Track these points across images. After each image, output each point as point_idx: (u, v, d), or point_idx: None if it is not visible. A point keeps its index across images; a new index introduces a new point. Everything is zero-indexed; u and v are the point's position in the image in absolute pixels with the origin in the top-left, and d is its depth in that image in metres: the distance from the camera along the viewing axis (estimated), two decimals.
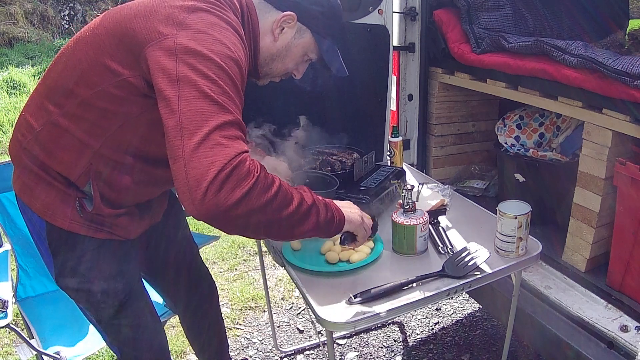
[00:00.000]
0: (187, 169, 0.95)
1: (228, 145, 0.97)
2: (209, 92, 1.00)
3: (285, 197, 1.06)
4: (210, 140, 0.96)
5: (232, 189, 0.95)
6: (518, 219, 1.38)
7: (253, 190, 0.98)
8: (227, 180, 0.94)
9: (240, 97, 1.08)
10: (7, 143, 4.88)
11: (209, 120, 0.98)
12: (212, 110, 0.99)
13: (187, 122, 0.97)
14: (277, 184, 1.05)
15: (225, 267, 3.07)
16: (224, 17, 1.13)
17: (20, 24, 7.78)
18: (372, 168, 1.85)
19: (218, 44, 1.05)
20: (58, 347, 1.80)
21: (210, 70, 1.02)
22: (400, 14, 2.39)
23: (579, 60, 1.72)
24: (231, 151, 0.96)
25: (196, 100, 0.99)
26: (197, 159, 0.95)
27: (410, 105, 2.51)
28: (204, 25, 1.07)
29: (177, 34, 1.05)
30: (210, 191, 0.93)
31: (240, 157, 0.97)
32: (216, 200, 0.94)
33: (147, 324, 1.45)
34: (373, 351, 2.34)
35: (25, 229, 1.98)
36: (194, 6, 1.10)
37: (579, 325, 1.61)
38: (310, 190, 1.17)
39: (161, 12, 1.10)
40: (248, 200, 0.97)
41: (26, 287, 2.07)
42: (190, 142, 0.96)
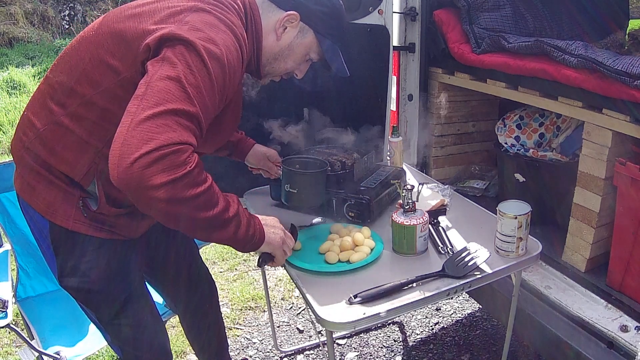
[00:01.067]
0: (127, 135, 0.96)
1: (175, 130, 0.98)
2: (183, 79, 1.02)
3: (210, 200, 1.06)
4: (161, 118, 0.97)
5: (160, 171, 0.96)
6: (518, 219, 1.38)
7: (180, 180, 0.98)
8: (158, 160, 0.95)
9: (213, 98, 1.09)
10: (7, 143, 4.85)
11: (170, 101, 0.99)
12: (178, 95, 1.01)
13: (151, 95, 1.00)
14: (207, 184, 1.05)
15: (225, 267, 3.07)
16: (225, 19, 1.14)
17: (20, 24, 7.78)
18: (372, 168, 1.85)
19: (209, 42, 1.07)
20: (58, 347, 1.80)
21: (193, 62, 1.04)
22: (400, 14, 2.39)
23: (579, 60, 1.72)
24: (175, 136, 0.98)
25: (168, 80, 1.01)
26: (141, 130, 0.96)
27: (410, 105, 2.51)
28: (201, 24, 1.09)
29: (173, 27, 1.08)
30: (138, 164, 0.94)
31: (181, 146, 0.98)
32: (140, 174, 0.95)
33: (148, 324, 1.45)
34: (373, 351, 2.34)
35: (26, 229, 1.99)
36: (196, 6, 1.13)
37: (579, 325, 1.61)
38: (239, 203, 1.17)
39: (163, 12, 1.13)
40: (172, 188, 0.97)
41: (26, 287, 2.07)
42: (143, 113, 0.97)
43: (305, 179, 1.57)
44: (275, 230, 1.28)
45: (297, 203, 1.60)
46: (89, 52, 1.17)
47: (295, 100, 1.92)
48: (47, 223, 1.25)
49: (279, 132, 1.81)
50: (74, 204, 1.23)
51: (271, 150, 1.74)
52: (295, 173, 1.57)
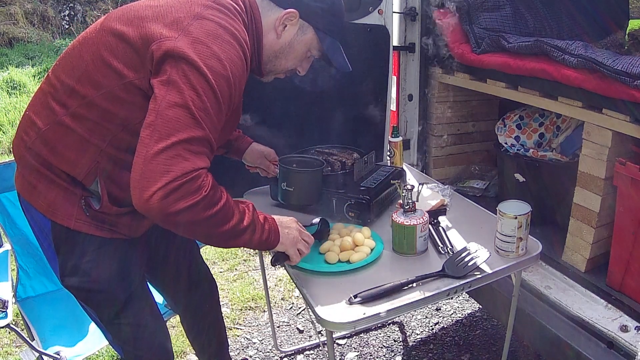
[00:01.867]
0: (145, 168, 1.03)
1: (188, 159, 1.04)
2: (190, 104, 1.06)
3: (226, 215, 1.14)
4: (174, 149, 1.03)
5: (178, 200, 1.03)
6: (518, 219, 1.38)
7: (197, 205, 1.05)
8: (175, 190, 1.02)
9: (221, 114, 1.13)
10: (7, 143, 4.84)
11: (180, 130, 1.04)
12: (187, 122, 1.05)
13: (161, 125, 1.04)
14: (222, 202, 1.12)
15: (225, 267, 3.07)
16: (228, 27, 1.14)
17: (20, 24, 7.78)
18: (372, 168, 1.85)
19: (213, 59, 1.09)
20: (58, 347, 1.80)
21: (199, 84, 1.07)
22: (400, 14, 2.39)
23: (579, 60, 1.72)
24: (189, 165, 1.04)
25: (176, 108, 1.05)
26: (156, 163, 1.02)
27: (410, 105, 2.51)
28: (205, 36, 1.10)
29: (177, 38, 1.08)
30: (157, 195, 1.02)
31: (195, 173, 1.05)
32: (159, 205, 1.02)
33: (149, 324, 1.45)
34: (373, 351, 2.34)
35: (26, 228, 1.99)
36: (200, 14, 1.13)
37: (579, 325, 1.61)
38: (254, 210, 1.24)
39: (168, 17, 1.13)
40: (190, 213, 1.05)
41: (26, 287, 2.07)
42: (157, 145, 1.03)
43: (302, 177, 1.57)
44: (289, 231, 1.31)
45: (293, 202, 1.60)
46: (90, 53, 1.18)
47: (295, 100, 1.92)
48: (49, 222, 1.25)
49: (278, 132, 1.81)
50: (76, 203, 1.24)
51: (268, 149, 1.74)
52: (292, 171, 1.57)
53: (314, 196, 1.62)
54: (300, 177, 1.57)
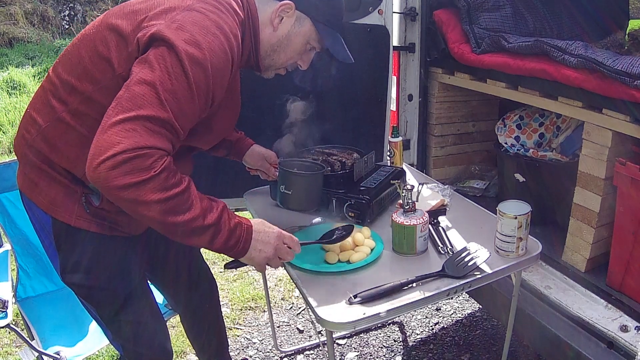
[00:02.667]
0: (99, 137, 1.02)
1: (142, 135, 1.02)
2: (158, 84, 1.05)
3: (181, 206, 1.07)
4: (130, 123, 1.02)
5: (124, 174, 1.00)
6: (518, 219, 1.38)
7: (144, 183, 1.01)
8: (123, 163, 0.99)
9: (192, 102, 1.10)
10: (7, 143, 4.83)
11: (142, 107, 1.03)
12: (151, 100, 1.04)
13: (126, 99, 1.04)
14: (177, 189, 1.06)
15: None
16: (217, 20, 1.13)
17: (20, 24, 7.78)
18: (372, 168, 1.85)
19: (193, 46, 1.08)
20: (58, 347, 1.80)
21: (173, 67, 1.06)
22: (400, 14, 2.39)
23: (579, 60, 1.72)
24: (141, 140, 1.01)
25: (144, 85, 1.04)
26: (110, 134, 1.01)
27: (410, 105, 2.51)
28: (190, 24, 1.10)
29: (163, 24, 1.09)
30: (105, 165, 0.99)
31: (147, 151, 1.01)
32: (105, 175, 1.00)
33: (149, 322, 1.46)
34: (373, 351, 2.34)
35: (26, 228, 1.99)
36: (190, 6, 1.13)
37: (579, 325, 1.61)
38: (224, 212, 1.15)
39: (157, 8, 1.14)
40: (136, 190, 1.01)
41: (26, 287, 2.07)
42: (116, 116, 1.02)
43: (301, 180, 1.56)
44: (264, 248, 1.23)
45: (291, 205, 1.58)
46: (88, 50, 1.19)
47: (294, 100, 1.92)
48: (50, 219, 1.26)
49: (278, 132, 1.81)
50: (77, 200, 1.24)
51: (269, 152, 1.73)
52: (291, 174, 1.55)
53: (312, 201, 1.60)
54: (300, 180, 1.56)
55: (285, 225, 1.62)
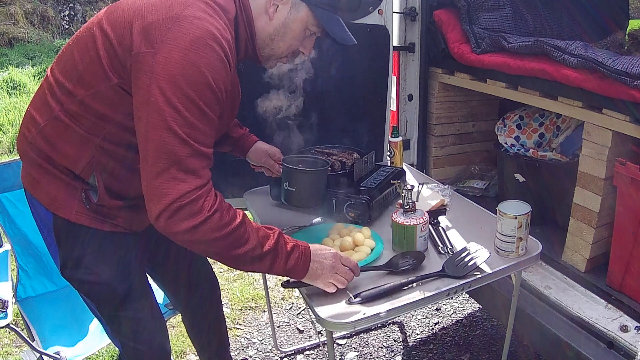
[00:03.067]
0: (147, 191, 1.09)
1: (184, 180, 1.07)
2: (173, 125, 1.06)
3: (239, 239, 1.14)
4: (167, 173, 1.07)
5: (182, 220, 1.07)
6: (518, 219, 1.38)
7: (201, 226, 1.08)
8: (177, 212, 1.07)
9: (210, 122, 1.12)
10: (7, 143, 4.82)
11: (168, 153, 1.07)
12: (173, 143, 1.07)
13: (151, 150, 1.08)
14: (232, 226, 1.12)
15: (225, 267, 3.07)
16: (208, 28, 1.11)
17: (20, 24, 7.77)
18: (372, 168, 1.85)
19: (192, 69, 1.07)
20: (58, 347, 1.80)
21: (179, 100, 1.06)
22: (400, 14, 2.39)
23: (579, 60, 1.72)
24: (185, 187, 1.07)
25: (160, 130, 1.06)
26: (154, 188, 1.08)
27: (410, 105, 2.51)
28: (182, 43, 1.07)
29: (155, 51, 1.07)
30: (163, 216, 1.07)
31: (194, 195, 1.07)
32: (165, 225, 1.08)
33: (149, 319, 1.46)
34: (373, 351, 2.34)
35: (26, 229, 1.99)
36: (177, 16, 1.09)
37: (579, 325, 1.61)
38: (280, 238, 1.21)
39: (147, 18, 1.11)
40: (195, 233, 1.09)
41: (26, 287, 2.07)
42: (151, 169, 1.08)
43: (305, 177, 1.56)
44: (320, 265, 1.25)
45: (295, 202, 1.58)
46: (80, 53, 1.19)
47: (294, 100, 1.92)
48: (51, 215, 1.27)
49: (278, 132, 1.81)
50: (76, 197, 1.25)
51: (273, 148, 1.72)
52: (295, 171, 1.55)
53: (316, 197, 1.59)
54: (303, 177, 1.55)
55: (286, 225, 1.62)
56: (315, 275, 1.26)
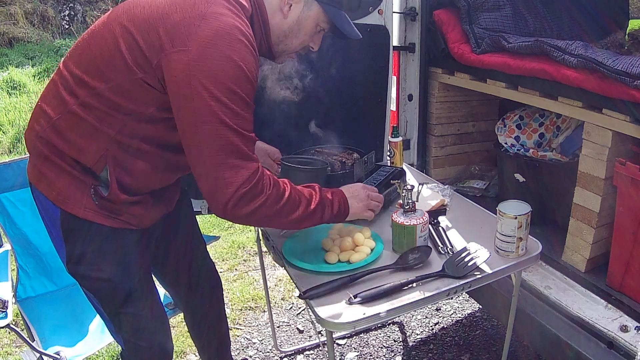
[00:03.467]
0: (210, 183, 1.16)
1: (243, 167, 1.16)
2: (224, 117, 1.13)
3: (294, 204, 1.27)
4: (227, 164, 1.15)
5: (247, 204, 1.18)
6: (518, 219, 1.38)
7: (264, 204, 1.20)
8: (242, 197, 1.16)
9: (251, 110, 1.20)
10: (7, 143, 4.81)
11: (224, 145, 1.14)
12: (228, 134, 1.14)
13: (206, 144, 1.14)
14: (286, 194, 1.25)
15: (225, 267, 3.07)
16: (235, 24, 1.15)
17: (20, 24, 7.77)
18: (372, 168, 1.85)
19: (229, 63, 1.12)
20: (58, 347, 1.80)
21: (223, 94, 1.12)
22: (400, 14, 2.39)
23: (579, 60, 1.72)
24: (245, 172, 1.16)
25: (211, 124, 1.13)
26: (217, 179, 1.15)
27: (410, 105, 2.51)
28: (215, 39, 1.11)
29: (189, 49, 1.10)
30: (229, 205, 1.16)
31: (255, 178, 1.17)
32: (233, 212, 1.18)
33: (151, 317, 1.46)
34: (373, 351, 2.34)
35: (26, 229, 2.00)
36: (204, 14, 1.13)
37: (579, 325, 1.61)
38: (320, 190, 1.36)
39: (173, 17, 1.13)
40: (259, 212, 1.20)
41: (26, 287, 2.07)
42: (210, 162, 1.15)
43: (303, 176, 1.56)
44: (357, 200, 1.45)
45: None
46: (99, 47, 1.20)
47: (295, 101, 1.92)
48: (58, 211, 1.27)
49: (278, 132, 1.81)
50: (85, 192, 1.25)
51: (272, 148, 1.74)
52: (293, 169, 1.55)
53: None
54: (302, 176, 1.56)
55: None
56: (356, 210, 1.45)
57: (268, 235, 1.61)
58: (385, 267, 1.36)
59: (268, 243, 1.60)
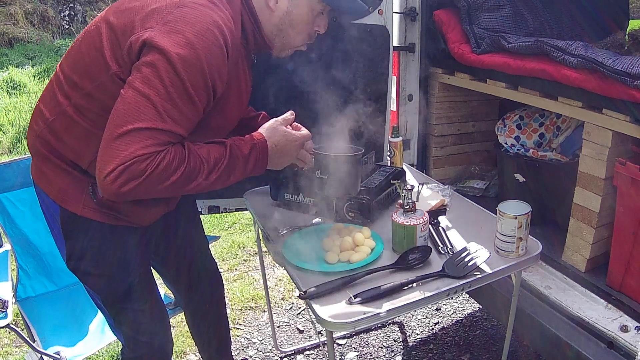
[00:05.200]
0: (101, 152, 1.09)
1: (139, 145, 1.07)
2: (153, 95, 1.07)
3: (189, 176, 1.15)
4: (128, 136, 1.07)
5: (125, 182, 1.07)
6: (518, 219, 1.38)
7: (143, 184, 1.08)
8: (121, 174, 1.07)
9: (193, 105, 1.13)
10: (7, 143, 4.82)
11: (139, 120, 1.07)
12: (147, 112, 1.08)
13: (123, 111, 1.08)
14: (180, 172, 1.12)
15: (225, 267, 3.07)
16: (210, 14, 1.13)
17: (20, 24, 7.77)
18: (372, 168, 1.85)
19: (187, 49, 1.08)
20: (58, 347, 1.80)
21: (167, 76, 1.07)
22: (400, 14, 2.39)
23: (579, 60, 1.72)
24: (138, 150, 1.07)
25: (139, 97, 1.08)
26: (110, 148, 1.08)
27: (410, 105, 2.51)
28: (182, 23, 1.10)
29: (155, 27, 1.10)
30: (108, 178, 1.07)
31: (140, 157, 1.07)
32: (110, 187, 1.08)
33: (151, 312, 1.47)
34: (373, 351, 2.34)
35: (26, 229, 2.00)
36: (181, 2, 1.13)
37: (579, 325, 1.61)
38: (232, 151, 1.22)
39: (151, 6, 1.14)
40: (138, 191, 1.09)
41: (26, 287, 2.07)
42: (114, 130, 1.08)
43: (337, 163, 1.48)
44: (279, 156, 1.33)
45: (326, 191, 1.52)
46: (87, 46, 1.21)
47: (295, 100, 1.92)
48: (58, 208, 1.28)
49: None
50: (84, 190, 1.26)
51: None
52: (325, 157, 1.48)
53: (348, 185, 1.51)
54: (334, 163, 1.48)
55: (286, 226, 1.62)
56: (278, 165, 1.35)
57: (268, 235, 1.61)
58: (385, 267, 1.36)
59: (268, 243, 1.60)
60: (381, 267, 1.36)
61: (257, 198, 1.89)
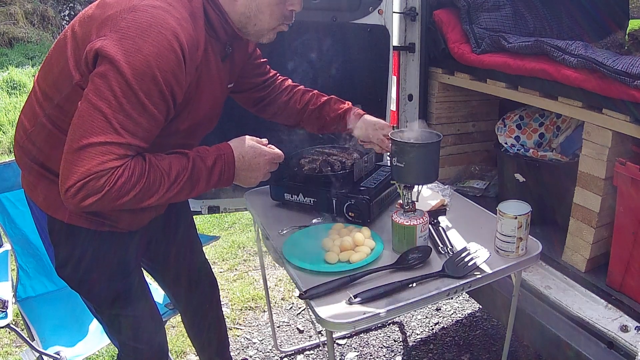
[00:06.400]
0: (62, 165, 1.08)
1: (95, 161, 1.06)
2: (106, 108, 1.05)
3: (150, 190, 1.14)
4: (84, 152, 1.06)
5: (85, 197, 1.07)
6: (518, 219, 1.38)
7: (102, 199, 1.08)
8: (80, 190, 1.06)
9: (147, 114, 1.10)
10: (7, 143, 4.83)
11: (94, 134, 1.05)
12: (101, 126, 1.06)
13: (78, 125, 1.07)
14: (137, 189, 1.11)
15: (225, 267, 3.07)
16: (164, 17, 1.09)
17: (20, 24, 7.78)
18: (372, 168, 1.85)
19: (137, 56, 1.05)
20: (58, 347, 1.80)
21: (118, 85, 1.05)
22: (400, 14, 2.39)
23: (579, 60, 1.72)
24: (93, 166, 1.06)
25: (92, 110, 1.06)
26: (69, 162, 1.07)
27: (410, 105, 2.51)
28: (132, 29, 1.07)
29: (107, 35, 1.07)
30: (68, 193, 1.07)
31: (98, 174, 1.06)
32: (72, 201, 1.08)
33: (146, 318, 1.46)
34: (373, 351, 2.34)
35: (26, 229, 1.99)
36: (133, 7, 1.09)
37: (579, 325, 1.61)
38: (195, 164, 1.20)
39: (108, 12, 1.11)
40: (98, 206, 1.10)
41: (26, 287, 2.07)
42: (71, 145, 1.07)
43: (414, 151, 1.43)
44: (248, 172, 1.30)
45: (405, 180, 1.47)
46: (57, 56, 1.20)
47: None
48: (46, 216, 1.28)
49: (278, 131, 1.81)
50: None
51: (382, 122, 1.63)
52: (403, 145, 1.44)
53: (427, 173, 1.46)
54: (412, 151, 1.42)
55: (286, 226, 1.62)
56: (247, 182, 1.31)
57: (268, 235, 1.61)
58: (385, 267, 1.36)
59: (268, 243, 1.60)
60: (381, 267, 1.36)
61: (257, 198, 1.89)
